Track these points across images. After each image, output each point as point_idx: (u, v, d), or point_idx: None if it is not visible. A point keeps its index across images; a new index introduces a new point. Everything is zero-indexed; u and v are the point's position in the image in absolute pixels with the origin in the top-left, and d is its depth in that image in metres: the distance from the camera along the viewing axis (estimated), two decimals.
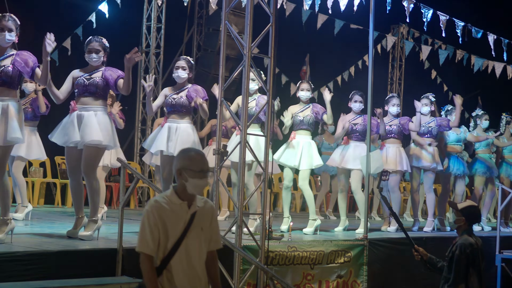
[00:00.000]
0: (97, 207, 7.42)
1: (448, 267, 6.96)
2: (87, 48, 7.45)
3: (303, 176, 9.79)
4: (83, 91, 7.36)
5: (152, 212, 4.73)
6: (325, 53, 19.43)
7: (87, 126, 7.23)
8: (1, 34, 6.66)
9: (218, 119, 6.89)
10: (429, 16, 10.64)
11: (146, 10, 16.65)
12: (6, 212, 6.60)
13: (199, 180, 4.69)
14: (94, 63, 7.44)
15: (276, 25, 6.90)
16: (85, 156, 7.27)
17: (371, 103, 9.50)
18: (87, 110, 7.31)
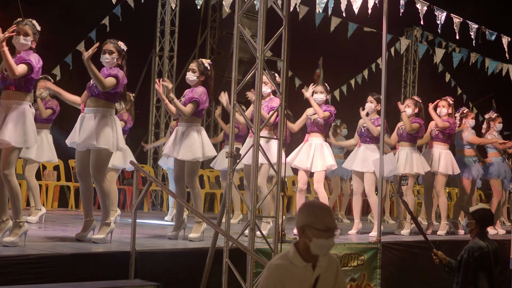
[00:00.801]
0: (109, 210, 7.42)
1: (458, 271, 6.92)
2: (102, 49, 7.44)
3: (317, 178, 9.78)
4: (89, 92, 7.38)
5: (272, 277, 4.17)
6: (338, 56, 19.43)
7: (84, 129, 7.24)
8: (16, 37, 6.68)
9: (231, 122, 6.87)
10: (442, 18, 10.60)
11: (159, 13, 16.69)
12: (18, 214, 6.61)
13: (325, 240, 4.15)
14: (106, 64, 7.42)
15: (289, 28, 6.89)
16: (91, 159, 7.29)
17: (384, 106, 9.47)
18: (89, 112, 7.32)
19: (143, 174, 6.60)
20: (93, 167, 7.27)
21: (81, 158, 7.37)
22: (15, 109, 6.60)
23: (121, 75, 7.35)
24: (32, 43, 6.79)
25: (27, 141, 6.68)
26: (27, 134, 6.64)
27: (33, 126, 6.76)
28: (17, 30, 6.70)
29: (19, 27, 6.71)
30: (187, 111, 8.07)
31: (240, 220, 11.98)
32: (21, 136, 6.60)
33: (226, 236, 6.55)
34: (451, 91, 21.12)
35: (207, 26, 18.67)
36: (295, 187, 16.19)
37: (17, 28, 6.71)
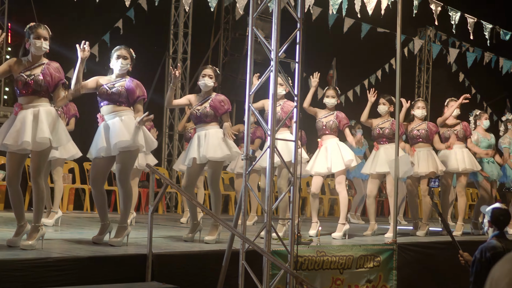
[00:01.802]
0: (128, 213, 7.45)
1: (471, 270, 6.90)
2: (115, 54, 7.44)
3: (338, 179, 9.81)
4: (106, 99, 7.37)
5: None
6: (351, 57, 19.41)
7: (113, 131, 7.25)
8: (38, 41, 6.67)
9: (246, 124, 6.89)
10: (456, 18, 10.58)
11: (173, 16, 16.73)
12: (38, 218, 6.65)
13: None
14: (121, 70, 7.43)
15: (304, 30, 6.90)
16: (120, 162, 7.30)
17: (399, 107, 9.47)
18: (111, 118, 7.34)
19: (159, 177, 6.61)
20: (122, 170, 7.29)
21: (99, 165, 7.39)
22: (43, 111, 6.62)
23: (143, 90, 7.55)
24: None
25: (60, 140, 6.74)
26: (59, 133, 6.69)
27: (63, 125, 6.82)
28: (36, 35, 6.71)
29: (38, 32, 6.71)
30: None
31: (255, 222, 11.99)
32: (55, 135, 6.65)
33: (243, 238, 6.56)
34: (465, 91, 21.06)
35: (220, 28, 18.69)
36: (309, 188, 16.21)
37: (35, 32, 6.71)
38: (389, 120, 10.41)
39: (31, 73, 6.66)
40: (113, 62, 7.46)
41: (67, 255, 6.16)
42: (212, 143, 8.10)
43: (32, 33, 6.69)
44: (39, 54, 6.76)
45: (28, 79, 6.64)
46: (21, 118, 6.58)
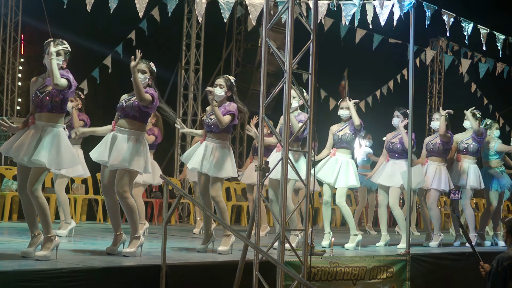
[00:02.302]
0: (137, 224, 7.47)
1: (487, 280, 6.89)
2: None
3: (340, 193, 9.81)
4: (121, 113, 7.42)
5: None
6: (363, 68, 19.42)
7: (116, 149, 7.31)
8: (48, 57, 6.73)
9: (260, 135, 6.91)
10: (469, 29, 10.57)
11: (185, 27, 16.79)
12: (48, 229, 6.67)
13: None
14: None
15: (317, 42, 6.92)
16: (118, 176, 7.35)
17: (412, 118, 9.47)
18: (122, 132, 7.38)
19: (173, 188, 6.63)
20: (118, 184, 7.33)
21: (107, 173, 7.42)
22: (50, 132, 6.66)
23: (156, 96, 7.47)
24: (63, 63, 6.85)
25: (61, 163, 6.77)
26: (60, 157, 6.71)
27: (68, 148, 6.83)
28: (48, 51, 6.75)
29: (52, 48, 6.75)
30: (225, 121, 8.12)
31: (268, 233, 11.99)
32: (55, 159, 6.67)
33: (256, 249, 6.58)
34: (477, 101, 21.03)
35: (232, 39, 18.75)
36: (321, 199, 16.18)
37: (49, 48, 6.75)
38: (401, 133, 10.35)
39: (44, 90, 6.72)
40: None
41: (82, 266, 6.19)
42: (217, 161, 8.14)
43: (46, 49, 6.75)
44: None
45: (41, 96, 6.69)
46: (28, 134, 6.67)
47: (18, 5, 16.04)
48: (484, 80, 17.95)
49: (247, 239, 6.65)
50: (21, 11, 16.06)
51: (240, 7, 16.17)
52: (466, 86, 20.93)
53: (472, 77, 20.70)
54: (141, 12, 10.66)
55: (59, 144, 6.70)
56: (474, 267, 7.54)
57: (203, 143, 8.29)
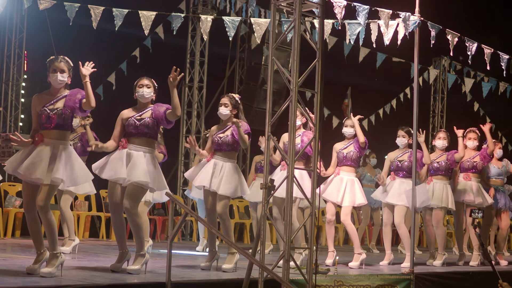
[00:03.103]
0: (143, 241, 7.47)
1: None
2: (138, 84, 7.49)
3: (345, 211, 9.81)
4: (135, 132, 7.42)
5: None
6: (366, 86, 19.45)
7: (135, 166, 7.29)
8: (53, 75, 6.77)
9: (265, 153, 6.93)
10: (473, 49, 10.60)
11: (189, 44, 16.85)
12: (55, 246, 6.68)
13: None
14: (145, 99, 7.48)
15: (323, 61, 6.95)
16: (128, 193, 7.33)
17: (416, 136, 9.48)
18: (137, 150, 7.39)
19: (179, 206, 6.64)
20: (128, 200, 7.32)
21: (116, 191, 7.42)
22: (62, 149, 6.70)
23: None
24: (68, 79, 6.87)
25: (76, 179, 6.83)
26: (75, 173, 6.77)
27: (81, 164, 6.90)
28: (52, 68, 6.79)
29: (54, 65, 6.80)
30: (247, 141, 8.25)
31: (271, 251, 11.99)
32: (70, 175, 6.72)
33: (261, 267, 6.58)
34: (480, 120, 21.04)
35: (236, 56, 18.80)
36: (324, 217, 16.18)
37: (52, 65, 6.80)
38: (408, 152, 10.38)
39: (54, 107, 6.74)
40: (137, 93, 7.49)
41: (87, 283, 6.19)
42: (226, 179, 8.17)
43: (50, 66, 6.79)
44: (59, 87, 6.83)
45: (51, 113, 6.71)
46: (40, 152, 6.65)
47: (23, 22, 16.10)
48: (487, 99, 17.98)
49: (253, 257, 6.65)
50: (25, 28, 16.12)
51: (244, 25, 16.24)
52: (469, 105, 20.95)
53: (475, 96, 20.72)
54: (147, 30, 10.73)
55: (73, 161, 6.74)
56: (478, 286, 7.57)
57: (211, 161, 8.29)
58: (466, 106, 21.02)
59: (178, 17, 11.17)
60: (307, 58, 7.00)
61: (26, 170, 6.59)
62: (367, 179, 14.13)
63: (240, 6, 14.79)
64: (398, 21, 9.72)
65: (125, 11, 10.62)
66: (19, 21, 16.07)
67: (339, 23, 10.21)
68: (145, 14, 10.75)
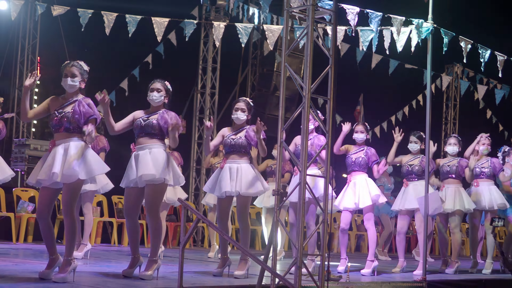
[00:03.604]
0: (158, 247, 7.47)
1: None
2: (150, 87, 7.52)
3: (367, 216, 9.78)
4: (140, 132, 7.45)
5: None
6: (379, 93, 19.42)
7: (141, 163, 7.31)
8: (64, 80, 6.78)
9: (277, 159, 6.91)
10: (486, 56, 10.58)
11: (201, 51, 16.87)
12: (70, 252, 6.68)
13: None
14: (155, 103, 7.50)
15: (336, 67, 6.94)
16: (149, 195, 7.35)
17: (429, 143, 9.45)
18: (142, 149, 7.40)
19: (192, 212, 6.64)
20: (150, 203, 7.33)
21: (132, 195, 7.43)
22: (73, 145, 6.69)
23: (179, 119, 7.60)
24: (80, 83, 6.87)
25: (91, 171, 6.76)
26: (89, 165, 6.73)
27: (95, 156, 6.87)
28: (64, 73, 6.82)
29: (66, 69, 6.82)
30: (266, 149, 8.32)
31: (283, 257, 11.97)
32: (84, 168, 6.69)
33: (274, 274, 6.56)
34: (493, 128, 20.98)
35: (248, 63, 18.82)
36: (336, 224, 16.15)
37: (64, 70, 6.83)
38: (419, 157, 10.35)
39: (63, 111, 6.75)
40: (148, 95, 7.52)
41: None
42: (246, 179, 8.17)
43: (62, 72, 6.83)
44: (71, 92, 6.84)
45: (59, 117, 6.73)
46: (53, 154, 6.68)
47: (36, 28, 16.18)
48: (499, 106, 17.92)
49: (264, 263, 6.64)
50: (39, 34, 16.20)
51: (256, 31, 16.26)
52: (481, 112, 20.90)
53: (487, 103, 20.66)
54: (160, 36, 10.77)
55: (85, 153, 6.73)
56: None
57: (225, 166, 8.27)
58: (478, 113, 20.97)
59: (191, 23, 11.21)
60: (319, 64, 6.99)
61: (45, 174, 6.59)
62: (386, 188, 14.10)
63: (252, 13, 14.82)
64: (411, 28, 9.71)
65: (138, 18, 10.65)
66: (32, 27, 16.16)
67: (352, 30, 10.21)
68: (158, 21, 10.79)
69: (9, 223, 12.69)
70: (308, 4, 6.75)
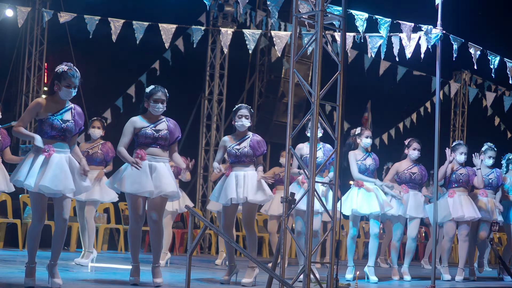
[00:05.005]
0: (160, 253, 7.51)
1: None
2: (153, 97, 7.42)
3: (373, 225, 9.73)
4: (152, 143, 7.37)
5: None
6: (387, 100, 19.36)
7: (163, 177, 7.31)
8: (67, 90, 6.63)
9: (286, 167, 6.85)
10: (496, 63, 10.50)
11: (209, 57, 16.83)
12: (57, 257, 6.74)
13: None
14: (159, 113, 7.46)
15: (345, 73, 6.89)
16: (157, 205, 7.38)
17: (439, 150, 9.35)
18: (157, 161, 7.35)
19: (199, 218, 6.58)
20: (158, 212, 7.39)
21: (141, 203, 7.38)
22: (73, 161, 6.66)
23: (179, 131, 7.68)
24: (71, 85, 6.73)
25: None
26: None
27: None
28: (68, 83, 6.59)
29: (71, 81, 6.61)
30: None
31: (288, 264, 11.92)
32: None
33: (282, 282, 6.50)
34: (501, 134, 20.89)
35: (256, 69, 18.77)
36: (343, 231, 16.08)
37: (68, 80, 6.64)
38: (418, 165, 10.27)
39: (63, 118, 6.62)
40: (151, 105, 7.42)
41: None
42: (252, 185, 8.12)
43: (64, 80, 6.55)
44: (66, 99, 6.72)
45: (63, 125, 6.59)
46: (59, 164, 6.52)
47: (43, 34, 16.18)
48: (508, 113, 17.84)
49: (273, 271, 6.57)
50: (46, 40, 16.19)
51: (264, 38, 16.22)
52: (490, 119, 20.80)
53: (496, 110, 20.58)
54: (167, 43, 10.72)
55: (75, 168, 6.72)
56: None
57: (231, 174, 8.22)
58: (487, 120, 20.88)
59: (198, 30, 11.16)
60: (326, 71, 6.93)
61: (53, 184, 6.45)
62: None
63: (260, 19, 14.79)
64: (420, 34, 9.65)
65: (145, 24, 10.61)
66: (39, 33, 16.15)
67: (360, 36, 10.15)
68: (165, 27, 10.74)
69: (15, 230, 12.65)
70: (317, 9, 6.70)
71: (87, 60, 15.75)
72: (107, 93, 16.02)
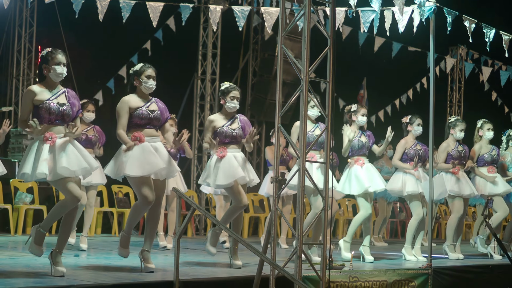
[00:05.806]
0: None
1: None
2: (146, 74, 7.20)
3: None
4: (147, 123, 7.18)
5: None
6: (382, 76, 19.20)
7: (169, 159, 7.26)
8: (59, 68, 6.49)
9: (275, 146, 6.68)
10: (491, 36, 10.29)
11: (201, 36, 16.62)
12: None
13: None
14: (150, 90, 7.26)
15: (334, 49, 6.69)
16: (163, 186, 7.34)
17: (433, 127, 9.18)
18: (155, 141, 7.21)
19: (187, 201, 6.42)
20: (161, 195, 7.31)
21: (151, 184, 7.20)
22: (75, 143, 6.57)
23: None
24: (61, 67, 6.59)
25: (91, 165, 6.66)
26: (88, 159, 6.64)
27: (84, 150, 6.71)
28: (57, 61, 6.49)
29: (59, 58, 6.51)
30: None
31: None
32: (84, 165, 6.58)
33: (272, 265, 6.34)
34: (498, 110, 20.78)
35: (249, 48, 18.57)
36: (340, 210, 15.95)
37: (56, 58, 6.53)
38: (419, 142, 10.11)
39: (59, 102, 6.49)
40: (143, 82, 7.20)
41: (91, 282, 5.99)
42: (250, 167, 8.13)
43: (53, 59, 6.50)
44: (58, 80, 6.58)
45: (61, 109, 6.46)
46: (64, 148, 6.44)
47: (32, 16, 15.96)
48: (505, 88, 17.69)
49: (263, 254, 6.41)
50: (35, 22, 15.98)
51: (256, 16, 16.02)
52: (486, 94, 20.65)
53: (492, 85, 20.43)
54: (155, 21, 10.49)
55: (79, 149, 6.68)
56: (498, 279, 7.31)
57: (229, 155, 7.98)
58: (483, 95, 20.74)
59: (187, 7, 10.92)
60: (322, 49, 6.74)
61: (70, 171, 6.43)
62: (385, 171, 13.85)
63: None
64: (413, 8, 9.44)
65: (132, 3, 10.37)
66: (28, 15, 15.92)
67: (352, 11, 9.94)
68: (153, 5, 10.50)
69: (6, 215, 12.52)
70: None
71: (77, 41, 15.55)
72: (99, 74, 15.83)
